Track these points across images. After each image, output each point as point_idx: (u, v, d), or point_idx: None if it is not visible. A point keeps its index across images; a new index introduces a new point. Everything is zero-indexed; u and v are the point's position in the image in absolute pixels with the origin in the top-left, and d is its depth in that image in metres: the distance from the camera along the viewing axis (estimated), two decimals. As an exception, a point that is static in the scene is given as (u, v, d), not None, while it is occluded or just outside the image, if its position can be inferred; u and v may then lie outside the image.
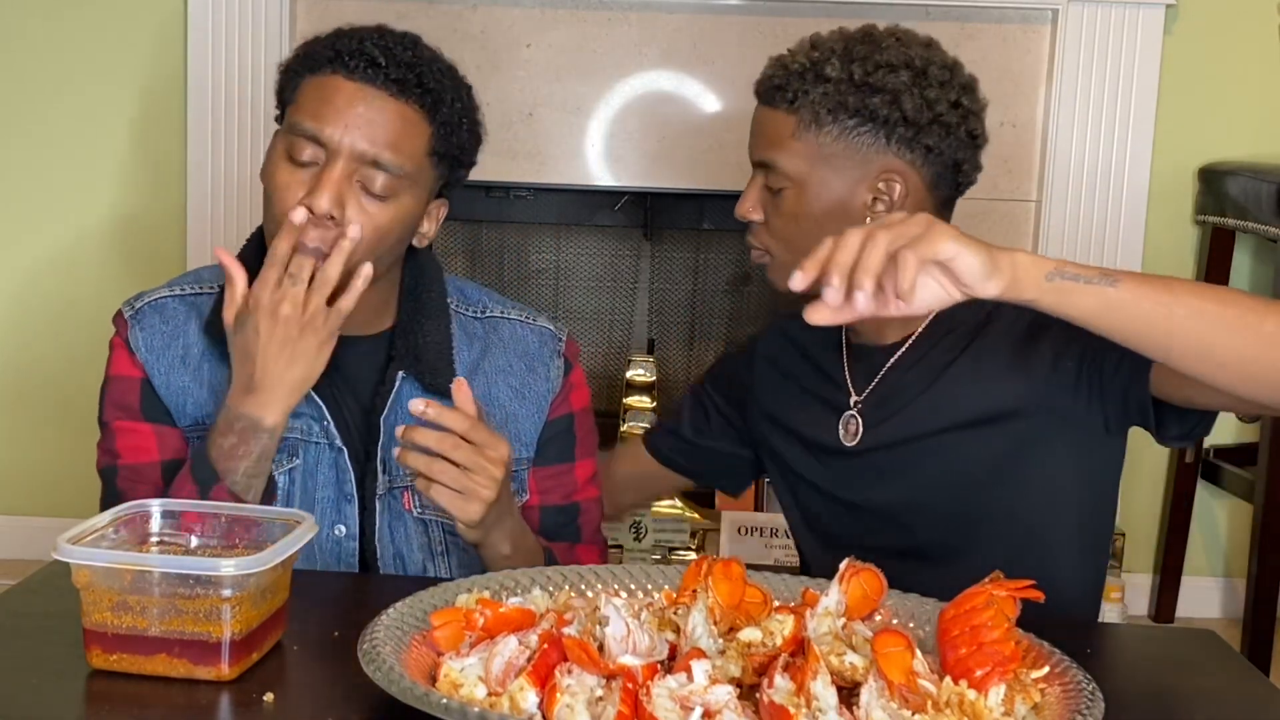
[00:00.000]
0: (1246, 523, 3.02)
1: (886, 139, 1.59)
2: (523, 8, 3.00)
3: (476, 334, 1.67)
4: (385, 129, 1.53)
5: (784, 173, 1.61)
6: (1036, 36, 3.00)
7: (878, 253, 1.26)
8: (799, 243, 1.56)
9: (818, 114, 1.59)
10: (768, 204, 1.64)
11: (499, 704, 1.09)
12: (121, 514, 1.30)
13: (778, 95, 1.62)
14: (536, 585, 1.32)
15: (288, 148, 1.54)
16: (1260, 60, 3.05)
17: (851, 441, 1.66)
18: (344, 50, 1.54)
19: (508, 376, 1.66)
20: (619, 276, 3.33)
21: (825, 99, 1.59)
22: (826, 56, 1.61)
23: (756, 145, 1.67)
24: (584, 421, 1.71)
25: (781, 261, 1.63)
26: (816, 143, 1.60)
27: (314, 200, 1.50)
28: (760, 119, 1.66)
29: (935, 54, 1.62)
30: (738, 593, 1.22)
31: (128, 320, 1.63)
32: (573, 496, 1.69)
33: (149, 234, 3.14)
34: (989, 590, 1.17)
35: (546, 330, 1.70)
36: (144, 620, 1.19)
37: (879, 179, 1.59)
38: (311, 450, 1.60)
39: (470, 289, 1.72)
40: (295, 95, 1.57)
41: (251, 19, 2.99)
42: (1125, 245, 3.03)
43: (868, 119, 1.58)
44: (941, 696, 1.09)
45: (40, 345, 3.18)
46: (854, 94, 1.58)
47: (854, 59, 1.59)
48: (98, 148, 3.12)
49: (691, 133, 3.06)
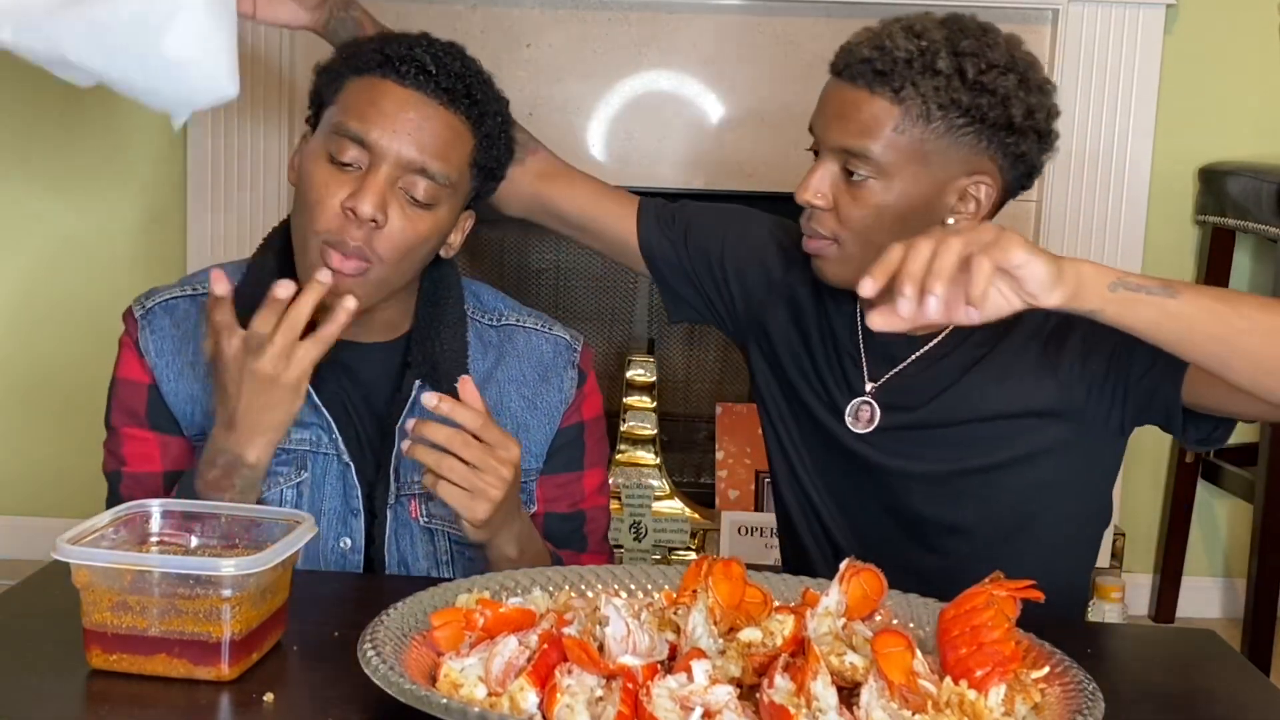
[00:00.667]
0: (1246, 523, 3.02)
1: (987, 141, 1.54)
2: (523, 8, 3.00)
3: (491, 342, 1.66)
4: (434, 137, 1.51)
5: (876, 163, 1.54)
6: (1037, 36, 3.00)
7: (951, 257, 1.25)
8: (876, 237, 1.52)
9: (928, 108, 1.52)
10: (839, 191, 1.57)
11: (499, 704, 1.09)
12: (121, 514, 1.31)
13: (879, 81, 1.52)
14: (536, 585, 1.32)
15: (329, 147, 1.52)
16: (1260, 60, 3.05)
17: (864, 429, 1.64)
18: (394, 55, 1.52)
19: (520, 386, 1.65)
20: (619, 276, 3.33)
21: (937, 94, 1.51)
22: (935, 47, 1.52)
23: (842, 130, 1.56)
24: (594, 430, 1.69)
25: (850, 254, 1.57)
26: (920, 138, 1.53)
27: (358, 203, 1.49)
28: (851, 102, 1.55)
29: (1031, 57, 1.57)
30: (738, 593, 1.22)
31: (137, 320, 1.61)
32: (579, 505, 1.68)
33: (148, 234, 3.14)
34: (989, 590, 1.17)
35: (562, 340, 1.68)
36: (144, 620, 1.19)
37: (970, 180, 1.55)
38: (319, 461, 1.59)
39: (486, 294, 1.70)
40: (338, 96, 1.55)
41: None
42: (1125, 245, 3.03)
43: (976, 119, 1.52)
44: (942, 696, 1.09)
45: (40, 345, 3.18)
46: (966, 92, 1.52)
47: (963, 54, 1.52)
48: (96, 148, 3.12)
49: (691, 133, 3.06)
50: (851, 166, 1.55)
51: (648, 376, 3.05)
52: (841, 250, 1.58)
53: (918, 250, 1.26)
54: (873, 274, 1.28)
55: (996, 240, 1.26)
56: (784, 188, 3.04)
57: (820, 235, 1.59)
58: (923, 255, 1.26)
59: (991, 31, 1.56)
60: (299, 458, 1.59)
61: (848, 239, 1.57)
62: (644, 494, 3.02)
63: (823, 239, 1.59)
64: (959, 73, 1.51)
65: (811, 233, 1.60)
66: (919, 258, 1.26)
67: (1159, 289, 1.31)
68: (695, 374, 3.37)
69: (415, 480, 1.58)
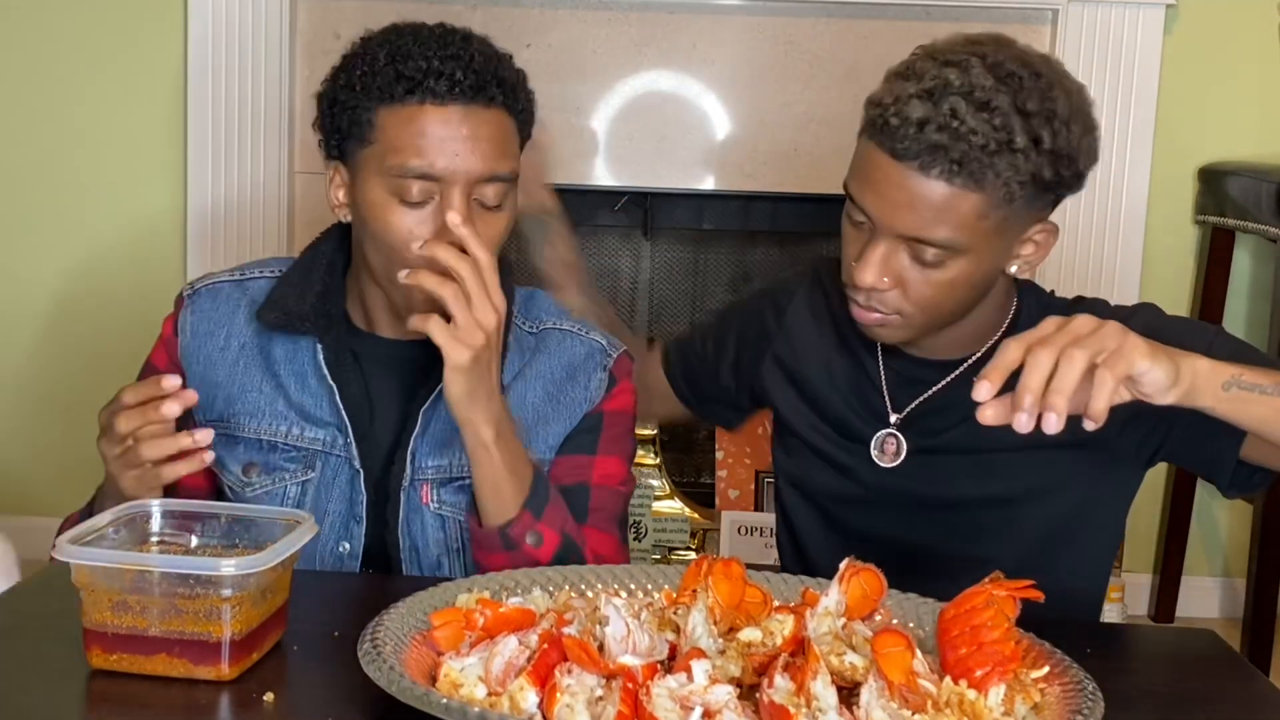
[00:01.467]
0: (1246, 523, 3.02)
1: (1055, 196, 1.49)
2: (523, 8, 3.00)
3: (528, 346, 1.63)
4: (490, 143, 1.50)
5: (954, 247, 1.45)
6: (1036, 37, 3.00)
7: (1075, 373, 1.23)
8: (946, 307, 1.50)
9: (1011, 191, 1.43)
10: (905, 271, 1.47)
11: (499, 704, 1.09)
12: (121, 514, 1.31)
13: (957, 170, 1.42)
14: (536, 585, 1.33)
15: (394, 190, 1.49)
16: (1260, 60, 3.05)
17: (890, 462, 1.62)
18: (418, 74, 1.49)
19: (546, 382, 1.62)
20: (619, 276, 3.33)
21: (1017, 173, 1.43)
22: (1007, 122, 1.41)
23: (914, 220, 1.44)
24: (615, 422, 1.65)
25: (915, 324, 1.52)
26: (1002, 216, 1.45)
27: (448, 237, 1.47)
28: (923, 192, 1.43)
29: (1073, 82, 1.49)
30: (738, 593, 1.22)
31: (185, 300, 1.64)
32: (586, 481, 1.63)
33: (148, 235, 3.14)
34: (989, 590, 1.17)
35: (597, 344, 1.65)
36: (144, 620, 1.19)
37: (1035, 233, 1.51)
38: (330, 463, 1.58)
39: (537, 302, 1.68)
40: (374, 133, 1.50)
41: (251, 19, 2.99)
42: (1125, 245, 3.03)
43: (1054, 185, 1.47)
44: (941, 696, 1.09)
45: (39, 346, 3.18)
46: (1047, 166, 1.44)
47: (1030, 115, 1.42)
48: (96, 151, 3.12)
49: (691, 133, 3.06)
50: (921, 252, 1.46)
51: (648, 376, 3.05)
52: (905, 320, 1.51)
53: (1038, 361, 1.22)
54: (988, 376, 1.24)
55: (1120, 348, 1.24)
56: (784, 188, 3.08)
57: (882, 312, 1.51)
58: (1043, 367, 1.22)
59: (1043, 73, 1.45)
60: (308, 456, 1.59)
61: (916, 314, 1.50)
62: (644, 494, 3.02)
63: (886, 314, 1.51)
64: (1034, 142, 1.42)
65: (870, 308, 1.51)
66: (1040, 370, 1.22)
67: (1273, 387, 1.31)
68: (695, 374, 3.37)
69: (429, 465, 1.58)
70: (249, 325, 1.61)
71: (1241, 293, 3.11)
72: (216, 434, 1.58)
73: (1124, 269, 3.02)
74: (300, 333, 1.59)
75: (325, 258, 1.63)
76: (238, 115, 3.02)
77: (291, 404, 1.59)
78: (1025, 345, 1.25)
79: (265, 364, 1.60)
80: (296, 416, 1.59)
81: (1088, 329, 1.25)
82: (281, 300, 1.60)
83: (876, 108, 1.46)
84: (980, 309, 1.56)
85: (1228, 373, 1.30)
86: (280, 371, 1.60)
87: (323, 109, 1.56)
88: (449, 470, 1.58)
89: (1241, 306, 3.12)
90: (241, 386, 1.60)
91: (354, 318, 1.63)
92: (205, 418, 1.60)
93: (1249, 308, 3.12)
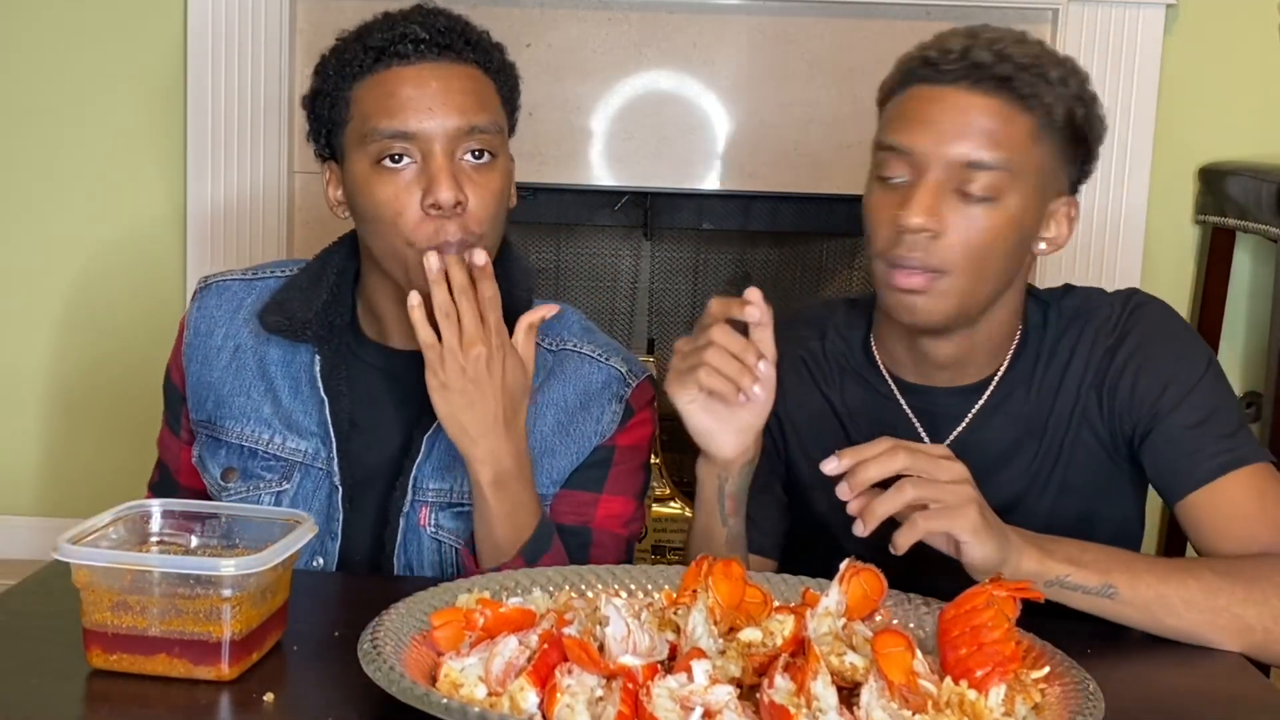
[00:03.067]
0: (1246, 523, 3.02)
1: (1081, 163, 1.49)
2: (523, 8, 3.00)
3: (546, 365, 1.57)
4: (465, 94, 1.48)
5: (1004, 175, 1.42)
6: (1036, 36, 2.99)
7: (894, 505, 1.31)
8: (991, 264, 1.45)
9: (1054, 119, 1.43)
10: (952, 213, 1.42)
11: (499, 704, 1.09)
12: (121, 514, 1.31)
13: (1005, 85, 1.42)
14: (536, 585, 1.32)
15: (375, 159, 1.47)
16: (1260, 60, 3.05)
17: None
18: (384, 42, 1.47)
19: (558, 411, 1.56)
20: (619, 276, 3.33)
21: (1060, 102, 1.44)
22: (1040, 52, 1.46)
23: (967, 140, 1.41)
24: (627, 458, 1.58)
25: (951, 288, 1.45)
26: (1046, 151, 1.44)
27: (437, 195, 1.44)
28: (977, 109, 1.42)
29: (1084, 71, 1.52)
30: (738, 593, 1.22)
31: (197, 294, 1.64)
32: (589, 524, 1.57)
33: (148, 235, 3.13)
34: (989, 590, 1.17)
35: (615, 372, 1.59)
36: (144, 620, 1.19)
37: (1059, 203, 1.49)
38: (310, 476, 1.56)
39: (564, 320, 1.61)
40: (350, 110, 1.49)
41: (251, 19, 2.99)
42: (1125, 245, 3.03)
43: (1083, 138, 1.47)
44: (942, 697, 1.09)
45: (39, 346, 3.18)
46: (1078, 105, 1.46)
47: (1058, 59, 1.47)
48: (96, 151, 3.12)
49: (691, 133, 3.06)
50: (968, 185, 1.42)
51: (648, 376, 3.05)
52: (943, 283, 1.44)
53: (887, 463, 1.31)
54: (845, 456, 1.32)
55: (956, 510, 1.31)
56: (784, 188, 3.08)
57: (923, 268, 1.43)
58: (882, 471, 1.30)
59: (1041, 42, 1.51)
60: (287, 467, 1.56)
61: (958, 267, 1.43)
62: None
63: (926, 272, 1.44)
64: (1063, 81, 1.45)
65: (912, 264, 1.44)
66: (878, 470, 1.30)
67: (1097, 588, 1.36)
68: (695, 374, 3.36)
69: (430, 489, 1.55)
70: (247, 326, 1.59)
71: (1241, 293, 3.11)
72: (204, 435, 1.58)
73: (1124, 269, 3.02)
74: (300, 340, 1.57)
75: (336, 265, 1.60)
76: (237, 115, 3.02)
77: (279, 410, 1.57)
78: (893, 445, 1.32)
79: (259, 367, 1.58)
80: (280, 425, 1.57)
81: (946, 476, 1.32)
82: (285, 304, 1.58)
83: (909, 61, 1.49)
84: (1003, 309, 1.53)
85: (1053, 572, 1.36)
86: (274, 375, 1.58)
87: (309, 110, 1.56)
88: (449, 495, 1.55)
89: (1241, 306, 3.12)
90: (232, 389, 1.58)
91: (364, 327, 1.60)
92: (196, 418, 1.60)
93: (1249, 308, 3.12)
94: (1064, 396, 1.55)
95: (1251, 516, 1.45)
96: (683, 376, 1.41)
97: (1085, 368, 1.54)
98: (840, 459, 1.32)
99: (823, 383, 1.63)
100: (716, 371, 1.39)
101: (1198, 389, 1.50)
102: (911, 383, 1.58)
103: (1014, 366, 1.56)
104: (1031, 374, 1.56)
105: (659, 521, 3.02)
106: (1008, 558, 1.33)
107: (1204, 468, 1.47)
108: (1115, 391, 1.52)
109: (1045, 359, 1.56)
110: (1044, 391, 1.55)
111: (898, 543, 1.31)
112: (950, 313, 1.48)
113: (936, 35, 1.50)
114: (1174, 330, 1.55)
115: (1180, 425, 1.49)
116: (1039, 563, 1.35)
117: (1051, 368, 1.55)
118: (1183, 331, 1.56)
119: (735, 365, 1.39)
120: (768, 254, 3.32)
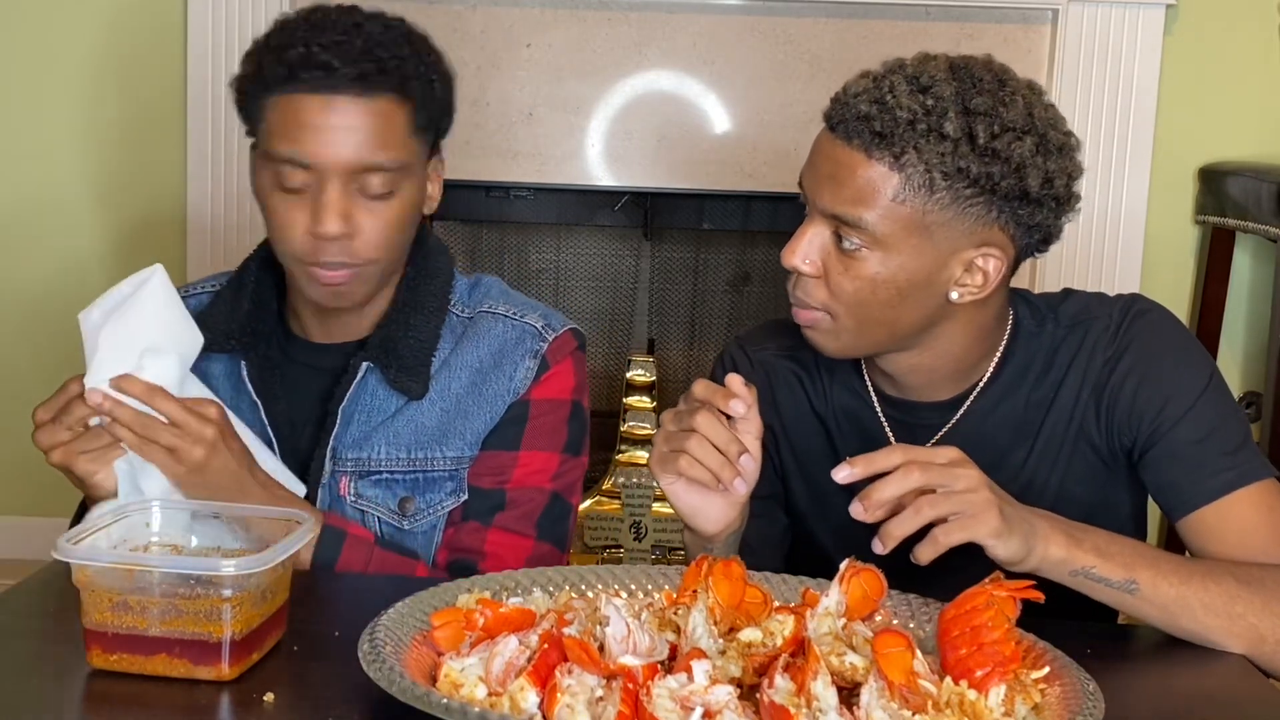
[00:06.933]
0: (1246, 523, 3.02)
1: (998, 212, 1.41)
2: (523, 8, 3.00)
3: (458, 331, 1.63)
4: (366, 132, 1.49)
5: (870, 233, 1.41)
6: (1036, 36, 3.00)
7: (919, 521, 1.29)
8: (872, 311, 1.44)
9: (931, 178, 1.38)
10: (830, 259, 1.44)
11: (499, 704, 1.09)
12: (122, 514, 1.31)
13: (878, 143, 1.39)
14: (537, 586, 1.32)
15: (276, 177, 1.51)
16: (1260, 60, 3.06)
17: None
18: (295, 63, 1.48)
19: (472, 371, 1.60)
20: (619, 276, 3.33)
21: (942, 161, 1.37)
22: (942, 106, 1.38)
23: (834, 194, 1.43)
24: (544, 412, 1.60)
25: (844, 327, 1.46)
26: (921, 208, 1.39)
27: (321, 227, 1.49)
28: (845, 163, 1.42)
29: (1051, 112, 1.44)
30: (738, 593, 1.21)
31: None
32: (504, 485, 1.59)
33: (148, 238, 3.14)
34: (989, 590, 1.17)
35: (530, 328, 1.62)
36: (144, 620, 1.19)
37: (979, 252, 1.43)
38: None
39: (483, 287, 1.66)
40: (263, 118, 1.53)
41: (251, 19, 2.99)
42: (1125, 245, 3.03)
43: (985, 189, 1.39)
44: (942, 697, 1.09)
45: (39, 346, 3.18)
46: (975, 160, 1.38)
47: (974, 113, 1.38)
48: (96, 151, 3.12)
49: (691, 133, 3.06)
50: (844, 234, 1.42)
51: (648, 376, 3.06)
52: (835, 323, 1.46)
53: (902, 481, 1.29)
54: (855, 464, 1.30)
55: (977, 515, 1.29)
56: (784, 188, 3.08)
57: (809, 306, 1.46)
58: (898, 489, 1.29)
59: (1009, 84, 1.42)
60: None
61: (840, 311, 1.45)
62: (644, 494, 3.02)
63: (812, 310, 1.46)
64: (968, 136, 1.38)
65: (799, 302, 1.47)
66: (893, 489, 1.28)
67: (1120, 582, 1.36)
68: (695, 374, 3.35)
69: (349, 459, 1.59)
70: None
71: (1241, 293, 3.11)
72: None
73: (1124, 269, 3.03)
74: (226, 351, 1.60)
75: (253, 273, 1.64)
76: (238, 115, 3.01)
77: None
78: (906, 458, 1.30)
79: (206, 382, 1.57)
80: None
81: (961, 485, 1.30)
82: (210, 319, 1.59)
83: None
84: (950, 338, 1.50)
85: (1080, 562, 1.35)
86: (218, 388, 1.58)
87: (236, 95, 1.58)
88: (366, 464, 1.59)
89: (1241, 306, 3.12)
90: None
91: (294, 326, 1.65)
92: None
93: (1249, 308, 3.12)
94: (1060, 405, 1.53)
95: (1257, 534, 1.44)
96: (665, 460, 1.42)
97: (1084, 377, 1.52)
98: (852, 467, 1.30)
99: (809, 387, 1.63)
100: (698, 462, 1.39)
101: (1199, 404, 1.47)
102: (890, 395, 1.58)
103: (996, 378, 1.54)
104: (1020, 383, 1.54)
105: (659, 521, 3.02)
106: (1034, 547, 1.32)
107: (1207, 486, 1.45)
108: (1115, 404, 1.50)
109: (1040, 367, 1.54)
110: (1038, 401, 1.54)
111: (920, 556, 1.30)
112: (845, 349, 1.50)
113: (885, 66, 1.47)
114: (1175, 341, 1.52)
115: (1182, 441, 1.47)
116: (1066, 550, 1.34)
117: (1048, 376, 1.53)
118: (1184, 342, 1.53)
119: (717, 458, 1.39)
120: (768, 254, 3.33)
